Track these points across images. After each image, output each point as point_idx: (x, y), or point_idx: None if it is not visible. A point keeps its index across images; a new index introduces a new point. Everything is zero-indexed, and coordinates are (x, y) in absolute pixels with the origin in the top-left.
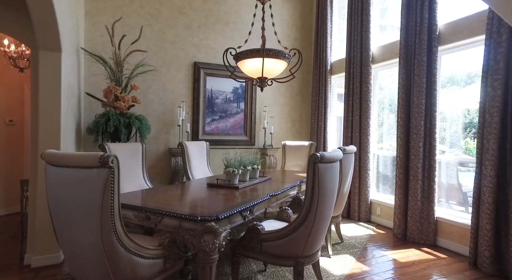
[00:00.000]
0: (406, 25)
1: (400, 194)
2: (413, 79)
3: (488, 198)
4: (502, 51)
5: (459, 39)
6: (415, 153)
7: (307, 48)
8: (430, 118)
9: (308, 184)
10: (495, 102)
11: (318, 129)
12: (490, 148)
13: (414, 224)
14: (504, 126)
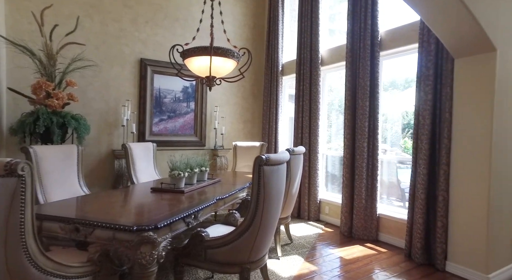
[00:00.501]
0: (351, 30)
1: (346, 192)
2: (358, 82)
3: (421, 194)
4: (431, 59)
5: (397, 46)
6: (360, 153)
7: (259, 49)
8: (373, 119)
9: (253, 187)
10: (427, 106)
11: (270, 129)
12: (423, 148)
13: (359, 221)
14: (434, 128)
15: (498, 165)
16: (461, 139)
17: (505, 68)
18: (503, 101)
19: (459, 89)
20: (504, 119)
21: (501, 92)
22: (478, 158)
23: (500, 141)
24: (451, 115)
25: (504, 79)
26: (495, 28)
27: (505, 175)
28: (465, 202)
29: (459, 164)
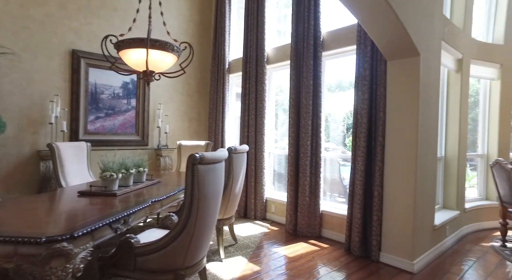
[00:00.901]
0: (296, 29)
1: (291, 190)
2: (302, 81)
3: (359, 190)
4: (367, 60)
5: (338, 47)
6: (304, 151)
7: (205, 45)
8: (316, 118)
9: (187, 188)
10: (364, 105)
11: (217, 128)
12: (361, 145)
13: (303, 218)
14: (370, 126)
15: (422, 160)
16: (393, 137)
17: (427, 72)
18: (426, 102)
19: (391, 89)
20: (427, 119)
21: (424, 94)
22: (406, 154)
23: (423, 139)
24: (385, 114)
25: (426, 82)
26: (418, 34)
27: (427, 169)
28: (396, 196)
29: (391, 161)
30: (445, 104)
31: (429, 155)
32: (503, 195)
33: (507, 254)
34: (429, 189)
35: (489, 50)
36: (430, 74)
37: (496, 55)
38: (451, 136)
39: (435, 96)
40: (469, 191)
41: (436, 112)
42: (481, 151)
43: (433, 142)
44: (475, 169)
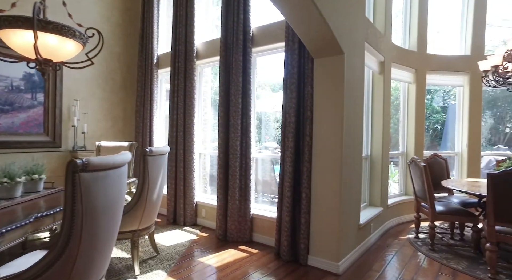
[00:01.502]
0: (225, 23)
1: (221, 194)
2: (231, 78)
3: (288, 192)
4: (295, 58)
5: (268, 43)
6: (233, 152)
7: (133, 36)
8: (246, 117)
9: (66, 201)
10: (292, 104)
11: (144, 128)
12: (289, 145)
13: (233, 223)
14: (298, 126)
15: (347, 160)
16: (319, 136)
17: (352, 71)
18: (351, 101)
19: (318, 88)
20: (352, 118)
21: (349, 93)
22: (332, 155)
23: (349, 138)
24: (312, 114)
25: (351, 81)
26: (342, 33)
27: (353, 169)
28: (322, 198)
29: (318, 161)
30: (371, 105)
31: (355, 155)
32: (417, 190)
33: (419, 245)
34: (355, 189)
35: (406, 55)
36: (354, 73)
37: (412, 60)
38: (376, 135)
39: (360, 96)
40: (394, 187)
41: (361, 112)
42: (401, 150)
43: (359, 142)
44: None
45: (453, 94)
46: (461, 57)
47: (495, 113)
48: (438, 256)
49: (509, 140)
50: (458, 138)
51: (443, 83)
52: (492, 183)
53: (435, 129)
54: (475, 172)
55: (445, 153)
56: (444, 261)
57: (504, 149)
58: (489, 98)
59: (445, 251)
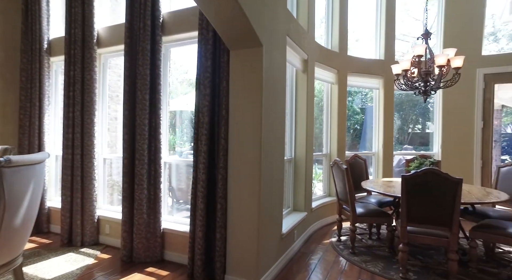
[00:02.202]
0: (131, 5)
1: (126, 207)
2: (138, 70)
3: (201, 204)
4: (209, 48)
5: (181, 31)
6: (140, 157)
7: (13, 13)
8: (155, 116)
9: None
10: (206, 101)
11: (32, 128)
12: (203, 149)
13: (141, 241)
14: (212, 127)
15: (267, 165)
16: (235, 139)
17: (271, 65)
18: (271, 99)
19: (234, 84)
20: (272, 118)
21: (269, 90)
22: (250, 159)
23: (269, 140)
24: (227, 112)
25: (270, 77)
26: (260, 23)
27: (274, 174)
28: (240, 208)
29: (235, 167)
30: (294, 105)
31: (276, 159)
32: (339, 193)
33: (341, 249)
34: (276, 196)
35: (329, 56)
36: (275, 69)
37: (334, 61)
38: (300, 137)
39: (281, 94)
40: (318, 187)
41: (283, 112)
42: (325, 151)
43: (281, 144)
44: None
45: (369, 97)
46: (377, 61)
47: (401, 115)
48: (358, 259)
49: (411, 139)
50: (375, 138)
51: (362, 85)
52: (405, 184)
53: (355, 129)
54: (389, 171)
55: (364, 153)
56: (363, 265)
57: (411, 148)
58: (397, 102)
59: (364, 253)
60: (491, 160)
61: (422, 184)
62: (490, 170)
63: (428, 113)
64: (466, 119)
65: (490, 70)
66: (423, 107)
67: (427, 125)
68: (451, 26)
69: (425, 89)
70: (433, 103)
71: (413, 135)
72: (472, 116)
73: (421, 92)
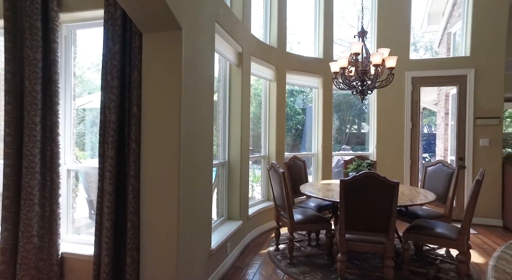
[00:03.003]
0: None
1: (6, 230)
2: (25, 54)
3: (107, 222)
4: (118, 30)
5: (85, 8)
6: (29, 164)
7: None
8: (51, 113)
9: None
10: (113, 95)
11: None
12: (110, 154)
13: (28, 272)
14: (122, 126)
15: (188, 171)
16: (150, 141)
17: (194, 54)
18: (194, 93)
19: (148, 74)
20: (197, 116)
21: (191, 82)
22: (167, 166)
23: (191, 143)
24: (139, 109)
25: (193, 67)
26: (179, 6)
27: (199, 183)
28: (156, 226)
29: (149, 176)
30: (228, 103)
31: (203, 163)
32: (277, 198)
33: (278, 260)
34: (203, 207)
35: (267, 51)
36: (199, 58)
37: (273, 57)
38: (234, 138)
39: (208, 89)
40: (257, 191)
41: (211, 109)
42: (263, 152)
43: (207, 146)
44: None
45: (310, 97)
46: (316, 60)
47: (339, 116)
48: (296, 271)
49: (349, 139)
50: (315, 139)
51: (302, 84)
52: (344, 189)
53: (297, 129)
54: (328, 172)
55: (304, 155)
56: (301, 277)
57: (348, 148)
58: (335, 103)
59: (303, 263)
60: (418, 159)
61: (361, 189)
62: (418, 169)
63: (363, 114)
64: (397, 120)
65: (417, 74)
66: (359, 108)
67: (362, 125)
68: (383, 28)
69: (362, 89)
70: (367, 105)
71: (350, 135)
72: (402, 117)
73: (358, 92)
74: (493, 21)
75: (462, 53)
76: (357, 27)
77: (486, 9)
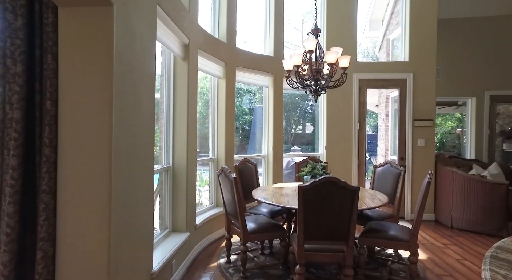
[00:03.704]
0: None
1: None
2: None
3: (5, 255)
4: (23, 2)
5: None
6: None
7: None
8: None
9: None
10: (16, 86)
11: None
12: (11, 163)
13: None
14: (30, 127)
15: (121, 183)
16: (70, 145)
17: (130, 36)
18: (128, 85)
19: (66, 59)
20: (131, 114)
21: (125, 71)
22: (94, 176)
23: (123, 147)
24: (55, 105)
25: (128, 54)
26: None
27: (136, 195)
28: (77, 255)
29: (69, 189)
30: (172, 101)
31: (140, 171)
32: (228, 206)
33: (231, 274)
34: (142, 222)
35: (216, 45)
36: (136, 44)
37: (222, 52)
38: (179, 140)
39: (149, 82)
40: (205, 196)
41: (151, 107)
42: (212, 155)
43: (147, 150)
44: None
45: (257, 98)
46: (267, 57)
47: (286, 117)
48: None
49: (294, 140)
50: (265, 140)
51: (252, 82)
52: (303, 197)
53: (244, 129)
54: (279, 174)
55: (254, 157)
56: None
57: (298, 149)
58: None
59: (258, 276)
60: (365, 160)
61: (320, 195)
62: (364, 169)
63: (308, 115)
64: (345, 121)
65: (363, 76)
66: (304, 109)
67: (307, 126)
68: (331, 30)
69: (315, 88)
70: (313, 106)
71: (296, 136)
72: (350, 118)
73: (312, 91)
74: (426, 31)
75: (402, 58)
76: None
77: (419, 20)
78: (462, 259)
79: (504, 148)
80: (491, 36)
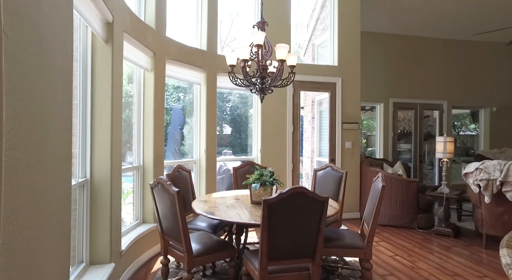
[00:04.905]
0: None
1: None
2: None
3: None
4: None
5: None
6: None
7: None
8: None
9: None
10: None
11: None
12: None
13: None
14: None
15: (15, 206)
16: None
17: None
18: (26, 72)
19: None
20: (39, 111)
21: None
22: None
23: (20, 158)
24: None
25: (22, 8)
26: None
27: (31, 221)
28: None
29: None
30: (90, 95)
31: (46, 189)
32: (165, 225)
33: None
34: (48, 265)
35: (143, 31)
36: (38, 5)
37: (150, 39)
38: (100, 146)
39: (64, 67)
40: (126, 211)
41: (69, 104)
42: (137, 162)
43: (58, 159)
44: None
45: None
46: (200, 51)
47: None
48: None
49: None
50: (196, 143)
51: (183, 78)
52: (267, 212)
53: None
54: (212, 181)
55: (184, 162)
56: None
57: (230, 153)
58: None
59: None
60: (299, 163)
61: (288, 209)
62: (298, 172)
63: (238, 117)
64: (280, 123)
65: (297, 77)
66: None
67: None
68: (266, 29)
69: (262, 87)
70: (248, 106)
71: (223, 137)
72: (284, 120)
73: (258, 90)
74: (351, 40)
75: (330, 63)
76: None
77: (346, 27)
78: (394, 255)
79: (397, 148)
80: (401, 51)
